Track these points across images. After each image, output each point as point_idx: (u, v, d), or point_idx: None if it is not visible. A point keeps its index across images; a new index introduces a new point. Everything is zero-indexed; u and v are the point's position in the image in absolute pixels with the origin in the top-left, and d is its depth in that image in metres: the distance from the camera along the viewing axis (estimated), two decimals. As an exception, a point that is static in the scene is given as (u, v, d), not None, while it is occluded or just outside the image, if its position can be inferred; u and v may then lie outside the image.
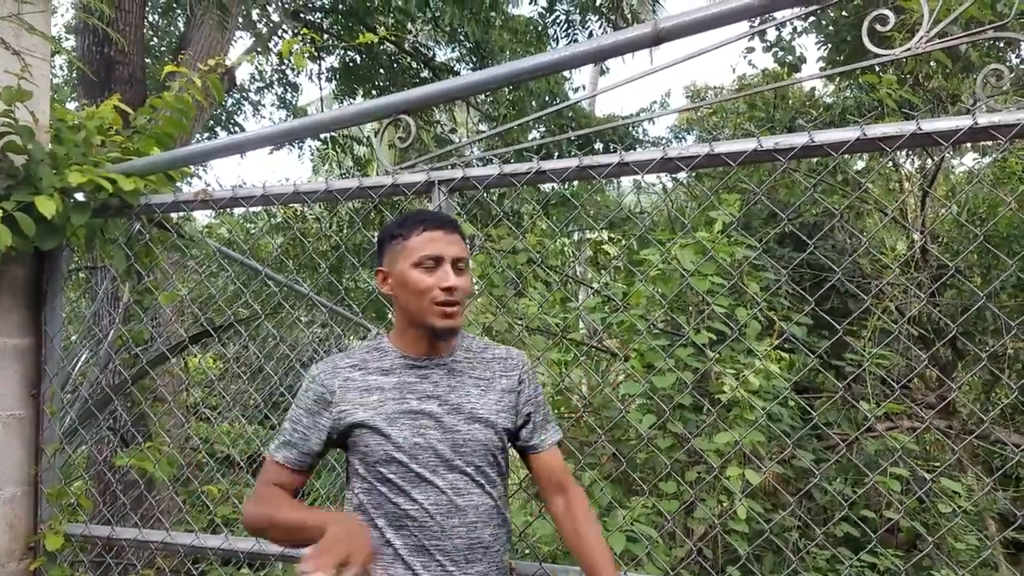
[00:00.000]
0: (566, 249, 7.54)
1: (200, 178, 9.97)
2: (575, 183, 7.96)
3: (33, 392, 2.69)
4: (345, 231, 8.33)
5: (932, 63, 6.01)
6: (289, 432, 1.75)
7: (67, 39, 9.06)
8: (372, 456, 1.68)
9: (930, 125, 1.80)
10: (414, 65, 9.09)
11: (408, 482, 1.66)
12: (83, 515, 2.69)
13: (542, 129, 8.69)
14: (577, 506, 1.83)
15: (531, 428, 1.82)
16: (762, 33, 7.50)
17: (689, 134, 10.60)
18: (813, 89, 7.93)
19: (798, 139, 1.91)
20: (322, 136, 9.78)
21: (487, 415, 1.74)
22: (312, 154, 11.04)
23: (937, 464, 4.81)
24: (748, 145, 1.96)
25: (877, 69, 6.25)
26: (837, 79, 7.83)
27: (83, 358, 3.54)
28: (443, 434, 1.69)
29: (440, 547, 1.65)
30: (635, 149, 8.27)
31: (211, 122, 9.39)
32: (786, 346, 4.54)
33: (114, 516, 2.85)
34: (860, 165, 6.85)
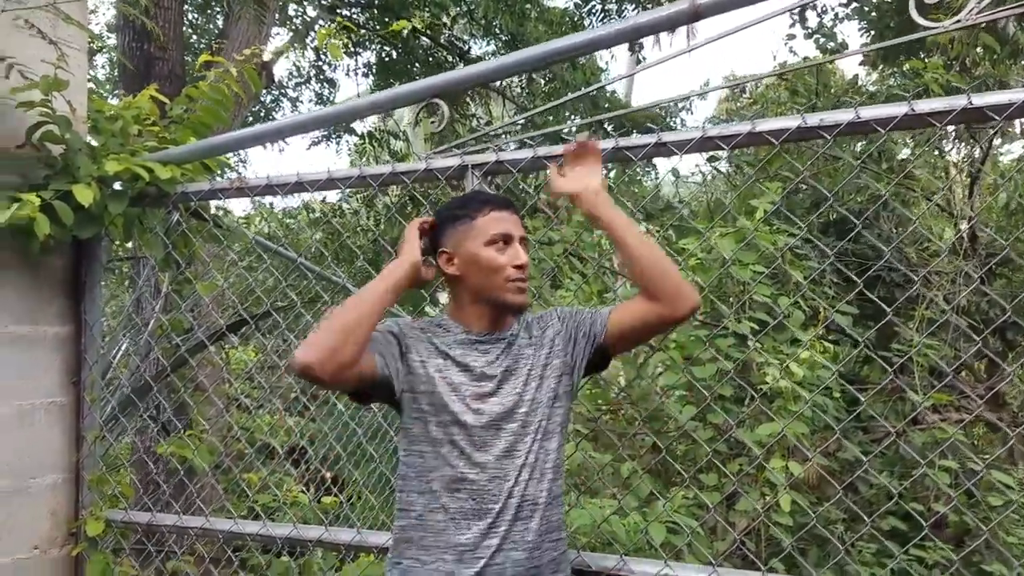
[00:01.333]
0: (603, 240, 7.48)
1: (239, 172, 10.07)
2: (612, 174, 7.88)
3: (74, 380, 2.72)
4: (382, 225, 8.35)
5: (979, 48, 5.84)
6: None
7: (108, 37, 9.20)
8: (435, 418, 1.70)
9: (981, 99, 1.73)
10: (449, 59, 9.08)
11: (470, 444, 1.68)
12: (123, 502, 2.71)
13: (578, 120, 8.64)
14: None
15: (589, 326, 1.81)
16: (803, 19, 7.37)
17: (733, 123, 10.46)
18: (856, 76, 7.77)
19: (843, 116, 1.84)
20: (359, 131, 9.83)
21: (543, 372, 1.77)
22: (349, 149, 11.10)
23: (987, 456, 4.68)
24: (792, 123, 1.90)
25: (923, 55, 6.09)
26: (881, 66, 7.66)
27: (123, 347, 3.58)
28: (505, 398, 1.72)
29: (493, 509, 1.66)
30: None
31: (250, 118, 9.48)
32: (830, 337, 4.45)
33: (156, 504, 2.87)
34: (905, 153, 6.69)
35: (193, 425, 3.24)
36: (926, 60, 5.51)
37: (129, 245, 3.43)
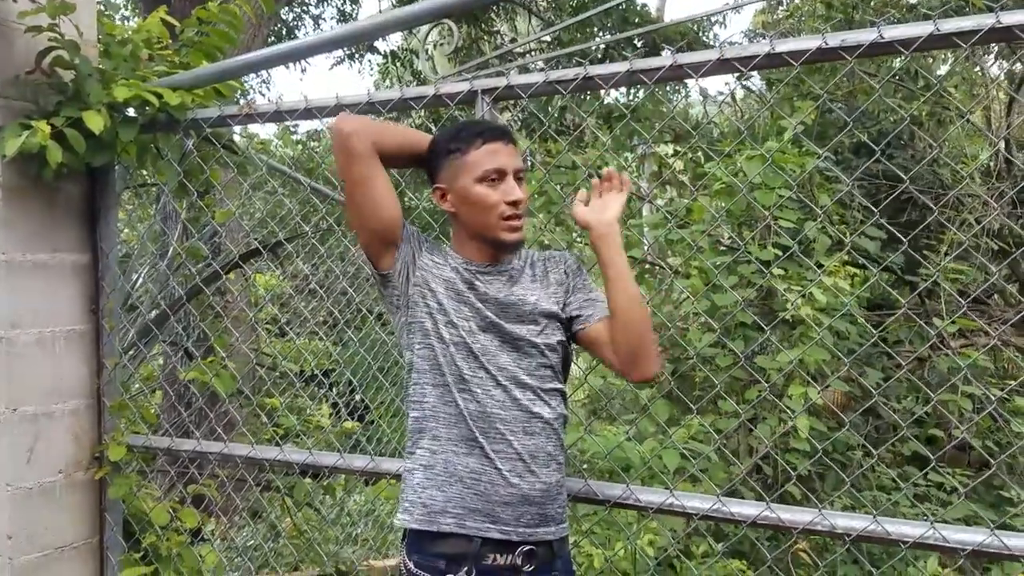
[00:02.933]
0: (629, 164, 7.33)
1: (263, 95, 9.98)
2: (639, 95, 7.69)
3: (92, 308, 2.75)
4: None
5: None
6: None
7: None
8: (444, 318, 1.72)
9: (1012, 17, 1.62)
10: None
11: (481, 352, 1.70)
12: (145, 428, 2.76)
13: (606, 36, 8.37)
14: None
15: (579, 307, 1.81)
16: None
17: (760, 40, 10.09)
18: (897, -12, 7.42)
19: (866, 36, 1.75)
20: (382, 50, 9.65)
21: (547, 306, 1.76)
22: (372, 69, 10.92)
23: (1013, 382, 4.62)
24: (812, 43, 1.81)
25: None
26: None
27: (143, 274, 3.61)
28: (506, 324, 1.72)
29: (501, 417, 1.68)
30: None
31: (272, 38, 9.32)
32: (859, 261, 4.36)
33: (178, 430, 2.93)
34: (944, 70, 6.44)
35: (215, 352, 3.28)
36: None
37: (147, 171, 3.42)
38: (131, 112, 2.68)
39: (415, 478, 1.73)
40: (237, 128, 2.93)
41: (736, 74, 1.97)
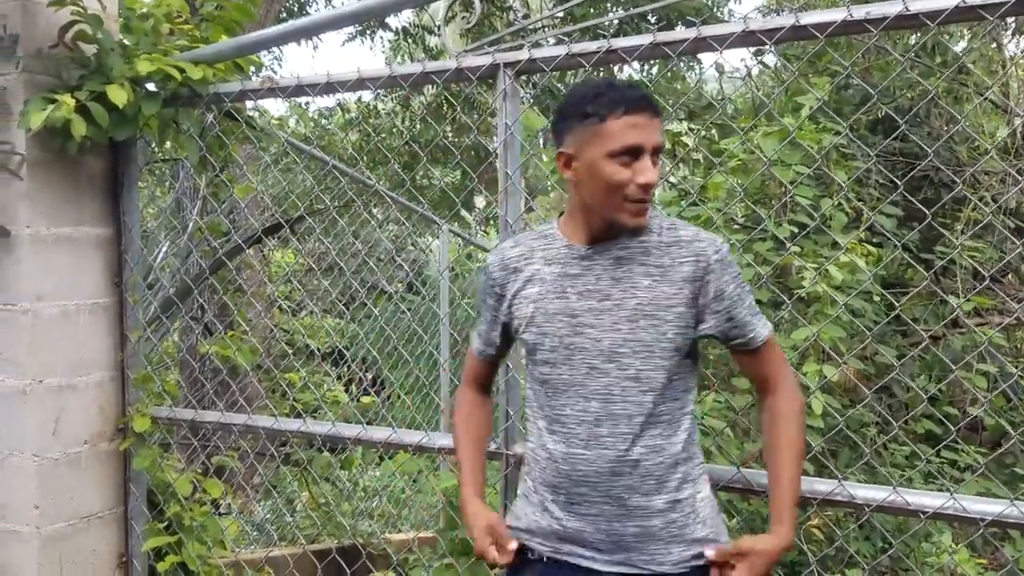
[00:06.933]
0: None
1: (275, 71, 9.94)
2: (654, 71, 7.66)
3: (116, 281, 2.77)
4: (418, 126, 8.25)
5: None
6: (478, 322, 1.82)
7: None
8: (532, 354, 1.66)
9: (1042, -10, 1.62)
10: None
11: (563, 383, 1.60)
12: (167, 400, 2.79)
13: (620, 12, 8.32)
14: (775, 408, 1.65)
15: (733, 326, 1.61)
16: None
17: (779, 15, 10.01)
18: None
19: (892, 8, 1.75)
20: (393, 27, 9.61)
21: (656, 310, 1.56)
22: (384, 46, 10.89)
23: (1027, 360, 4.62)
24: (837, 16, 1.81)
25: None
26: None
27: (164, 249, 3.63)
28: (601, 333, 1.57)
29: (586, 457, 1.57)
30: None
31: (283, 14, 9.30)
32: (875, 240, 4.35)
33: (200, 402, 2.97)
34: (961, 46, 6.37)
35: (235, 326, 3.31)
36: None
37: (168, 146, 3.44)
38: (152, 87, 2.69)
39: (520, 500, 1.74)
40: (249, 104, 2.94)
41: (755, 49, 1.96)
